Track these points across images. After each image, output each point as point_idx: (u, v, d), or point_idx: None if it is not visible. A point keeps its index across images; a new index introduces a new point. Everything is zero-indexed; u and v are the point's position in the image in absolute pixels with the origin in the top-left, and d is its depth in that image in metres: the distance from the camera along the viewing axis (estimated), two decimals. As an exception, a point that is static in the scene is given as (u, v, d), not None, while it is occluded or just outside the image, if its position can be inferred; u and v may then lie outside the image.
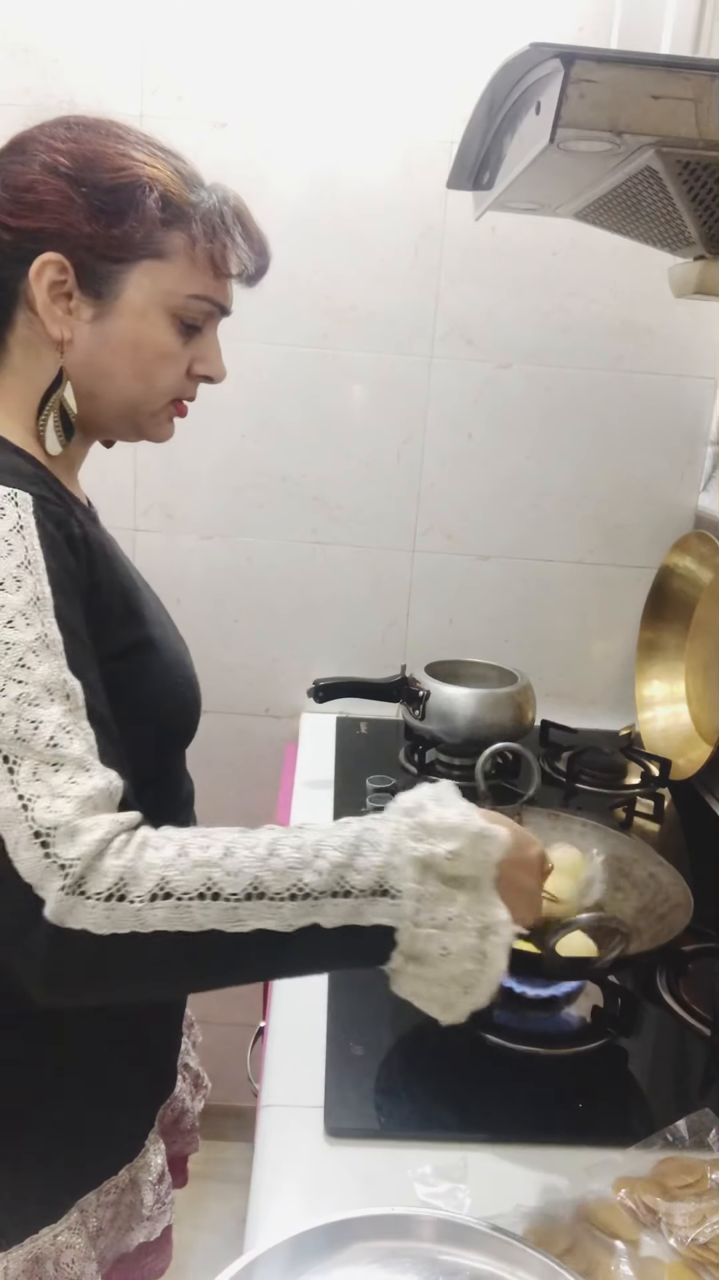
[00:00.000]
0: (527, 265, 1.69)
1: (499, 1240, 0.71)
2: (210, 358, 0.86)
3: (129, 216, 0.78)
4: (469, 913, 0.68)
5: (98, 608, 0.76)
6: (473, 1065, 0.98)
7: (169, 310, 0.81)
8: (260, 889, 0.64)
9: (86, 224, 0.77)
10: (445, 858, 0.67)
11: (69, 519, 0.75)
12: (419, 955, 0.67)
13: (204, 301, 0.83)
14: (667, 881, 1.08)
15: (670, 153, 0.91)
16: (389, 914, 0.66)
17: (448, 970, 0.68)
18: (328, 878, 0.65)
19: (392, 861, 0.66)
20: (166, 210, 0.79)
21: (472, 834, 0.68)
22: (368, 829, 0.68)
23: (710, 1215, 0.78)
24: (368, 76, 1.59)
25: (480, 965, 0.68)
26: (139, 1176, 0.91)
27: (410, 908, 0.66)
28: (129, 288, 0.80)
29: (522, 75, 0.96)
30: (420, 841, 0.67)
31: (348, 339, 1.71)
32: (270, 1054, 1.00)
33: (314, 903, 0.65)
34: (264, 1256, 0.69)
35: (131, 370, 0.82)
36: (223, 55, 1.58)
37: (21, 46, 1.56)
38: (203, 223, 0.80)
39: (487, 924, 0.68)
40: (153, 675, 0.83)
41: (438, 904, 0.67)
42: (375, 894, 0.66)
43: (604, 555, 1.84)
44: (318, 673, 1.77)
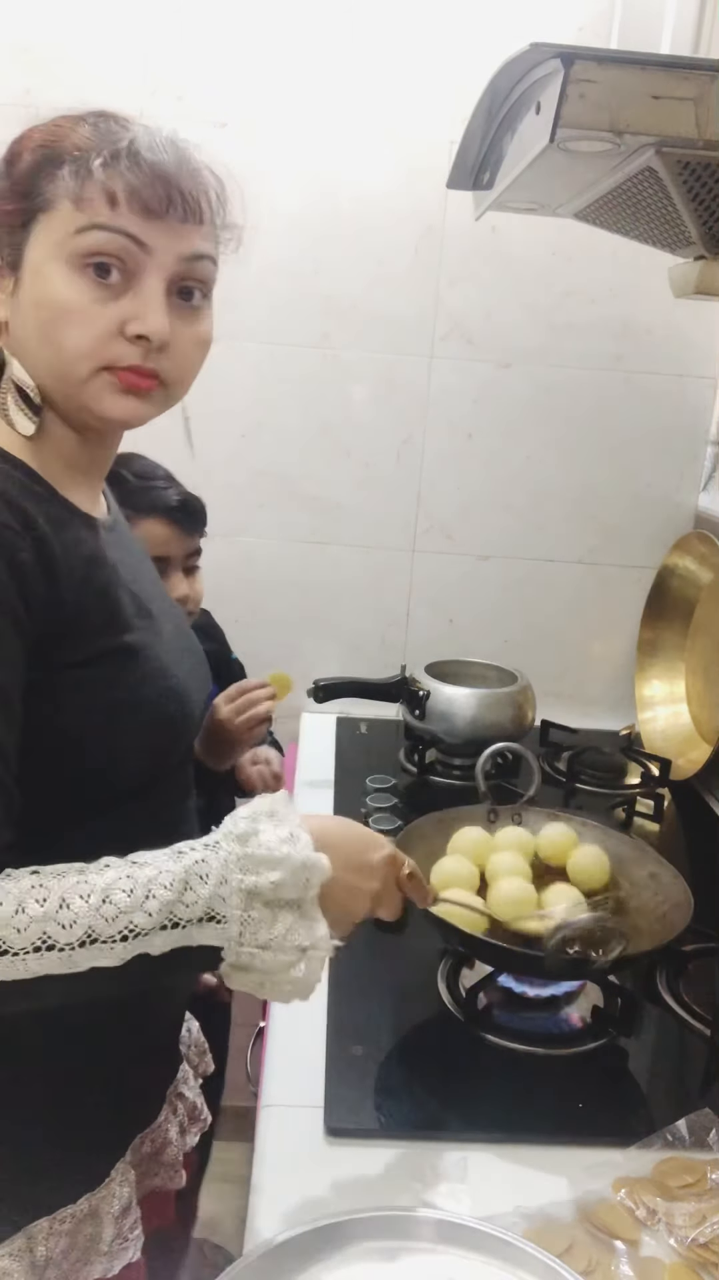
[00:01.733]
0: (527, 265, 1.69)
1: (499, 1240, 0.71)
2: (143, 313, 0.75)
3: (14, 178, 0.76)
4: (291, 932, 0.73)
5: (66, 620, 0.75)
6: (473, 1065, 0.98)
7: (67, 260, 0.75)
8: (93, 935, 0.67)
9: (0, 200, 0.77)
10: (269, 887, 0.72)
11: (18, 542, 0.72)
12: (244, 966, 0.73)
13: (95, 231, 0.74)
14: (667, 881, 1.08)
15: (670, 153, 0.91)
16: (215, 937, 0.71)
17: (270, 979, 0.74)
18: (157, 916, 0.69)
19: (219, 893, 0.71)
20: (46, 161, 0.75)
21: (294, 866, 0.73)
22: (199, 862, 0.72)
23: (710, 1215, 0.78)
24: (368, 76, 1.59)
25: (301, 975, 0.74)
26: (100, 1208, 0.85)
27: (235, 930, 0.71)
28: (30, 250, 0.76)
29: (522, 75, 0.96)
30: (247, 873, 0.72)
31: (348, 339, 1.71)
32: (270, 1054, 1.00)
33: (143, 939, 0.69)
34: (264, 1256, 0.69)
35: (39, 334, 0.76)
36: (223, 56, 1.58)
37: (22, 47, 1.56)
38: (85, 159, 0.74)
39: (307, 944, 0.74)
40: (125, 684, 0.80)
41: (260, 927, 0.72)
42: (203, 921, 0.70)
43: (604, 555, 1.84)
44: (318, 673, 1.76)
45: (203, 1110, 1.05)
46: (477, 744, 1.34)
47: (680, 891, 1.05)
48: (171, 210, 0.75)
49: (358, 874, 0.80)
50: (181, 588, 1.34)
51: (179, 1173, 1.00)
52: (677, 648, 1.79)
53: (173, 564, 1.33)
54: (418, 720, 1.62)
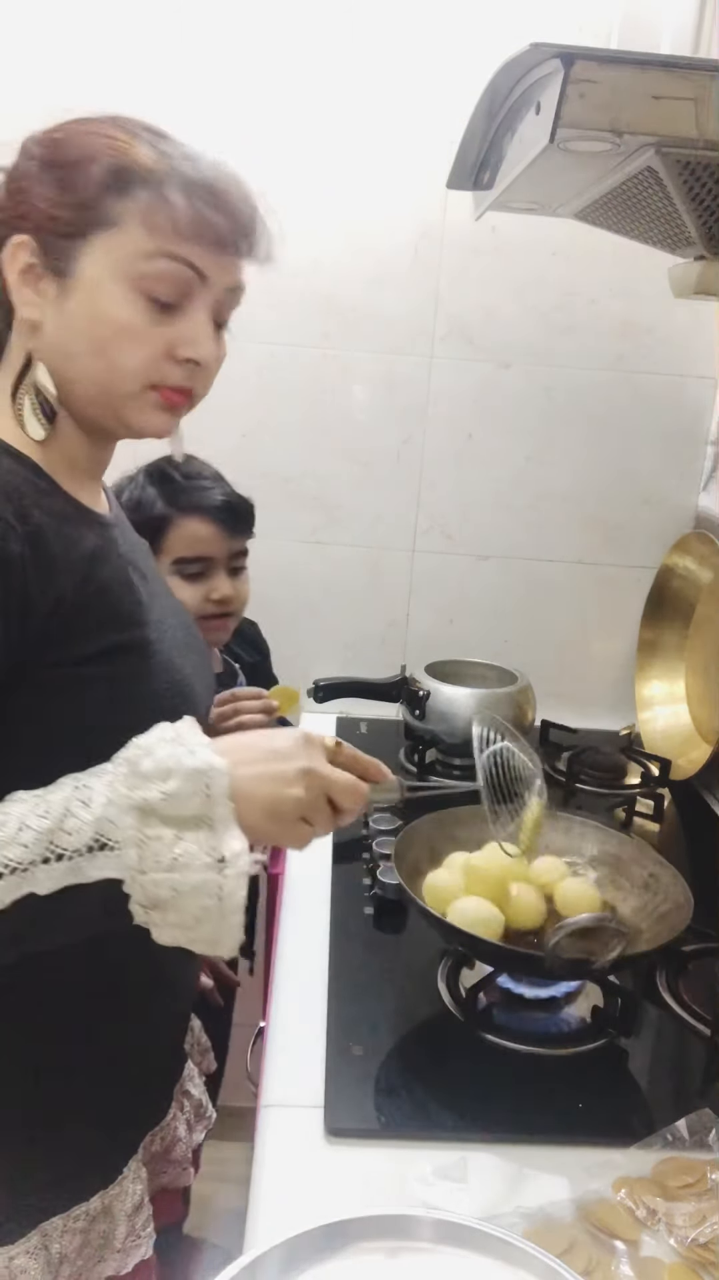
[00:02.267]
0: (527, 265, 1.69)
1: (499, 1240, 0.71)
2: (195, 339, 0.79)
3: (77, 188, 0.76)
4: (200, 849, 0.66)
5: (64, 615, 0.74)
6: (473, 1065, 0.98)
7: (129, 281, 0.77)
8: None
9: (44, 202, 0.76)
10: (161, 800, 0.66)
11: (8, 535, 0.71)
12: (156, 902, 0.66)
13: (168, 262, 0.77)
14: (667, 881, 1.08)
15: (670, 153, 0.91)
16: (111, 866, 0.65)
17: (188, 909, 0.67)
18: (35, 848, 0.64)
19: (106, 815, 0.65)
20: (115, 177, 0.76)
21: (188, 771, 0.67)
22: (80, 787, 0.67)
23: (710, 1215, 0.78)
24: (368, 76, 1.59)
25: (218, 900, 0.67)
26: (114, 1205, 0.86)
27: (133, 856, 0.65)
28: (84, 261, 0.77)
29: (522, 75, 0.96)
30: (135, 789, 0.66)
31: (348, 339, 1.71)
32: (270, 1054, 1.00)
33: (23, 875, 0.63)
34: (264, 1256, 0.69)
35: (90, 348, 0.78)
36: (222, 55, 1.57)
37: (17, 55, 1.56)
38: (158, 185, 0.76)
39: (219, 858, 0.67)
40: (129, 679, 0.79)
41: (161, 847, 0.65)
42: (93, 850, 0.65)
43: (604, 555, 1.84)
44: (318, 673, 1.76)
45: (208, 1107, 1.06)
46: (477, 744, 1.34)
47: (680, 891, 1.05)
48: (238, 249, 0.80)
49: (272, 779, 0.72)
50: (224, 588, 1.34)
51: (188, 1170, 1.01)
52: (677, 648, 1.79)
53: (215, 564, 1.33)
54: (418, 720, 1.62)
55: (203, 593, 1.33)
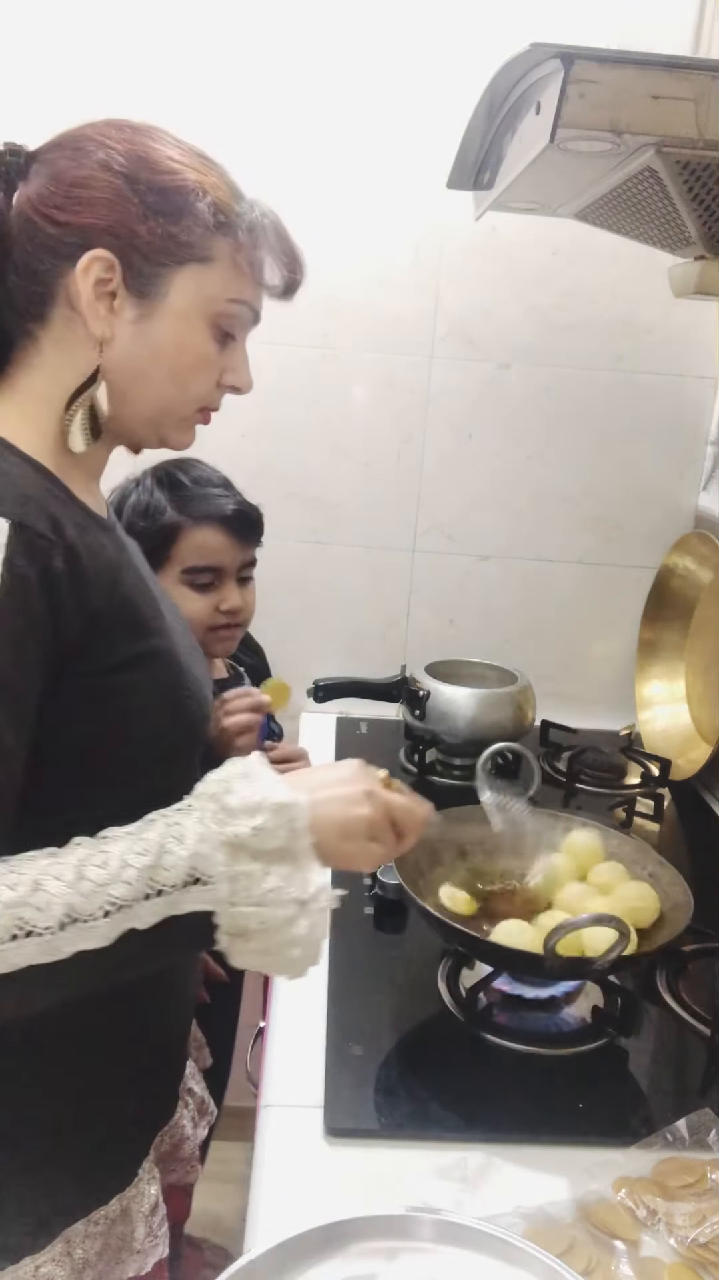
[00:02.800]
0: (527, 265, 1.69)
1: (499, 1240, 0.71)
2: (239, 368, 0.86)
3: (182, 219, 0.78)
4: (288, 884, 0.69)
5: (99, 629, 0.75)
6: (473, 1065, 0.98)
7: (209, 316, 0.81)
8: (73, 915, 0.64)
9: (138, 223, 0.77)
10: (251, 835, 0.68)
11: (50, 549, 0.71)
12: (242, 932, 0.69)
13: (243, 306, 0.83)
14: (667, 881, 1.08)
15: (670, 153, 0.91)
16: (204, 900, 0.67)
17: (273, 940, 0.69)
18: (138, 885, 0.66)
19: (199, 850, 0.67)
20: (217, 216, 0.79)
21: (273, 806, 0.69)
22: (172, 825, 0.69)
23: (710, 1215, 0.78)
24: (368, 76, 1.59)
25: (304, 932, 0.70)
26: (131, 1207, 0.87)
27: (225, 890, 0.67)
28: (174, 291, 0.79)
29: (522, 75, 0.97)
30: (225, 825, 0.68)
31: (348, 339, 1.71)
32: (270, 1054, 1.00)
33: (128, 911, 0.65)
34: (264, 1256, 0.69)
35: (168, 374, 0.81)
36: (223, 55, 1.57)
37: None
38: (249, 231, 0.81)
39: (306, 895, 0.70)
40: (151, 687, 0.80)
41: (251, 882, 0.68)
42: (189, 884, 0.67)
43: (604, 555, 1.84)
44: (318, 673, 1.76)
45: (209, 1103, 1.07)
46: (477, 744, 1.34)
47: (680, 891, 1.05)
48: (291, 296, 0.87)
49: (341, 801, 0.75)
50: (234, 598, 1.33)
51: (195, 1167, 1.02)
52: (677, 648, 1.79)
53: (226, 574, 1.33)
54: (418, 720, 1.62)
55: (213, 603, 1.32)
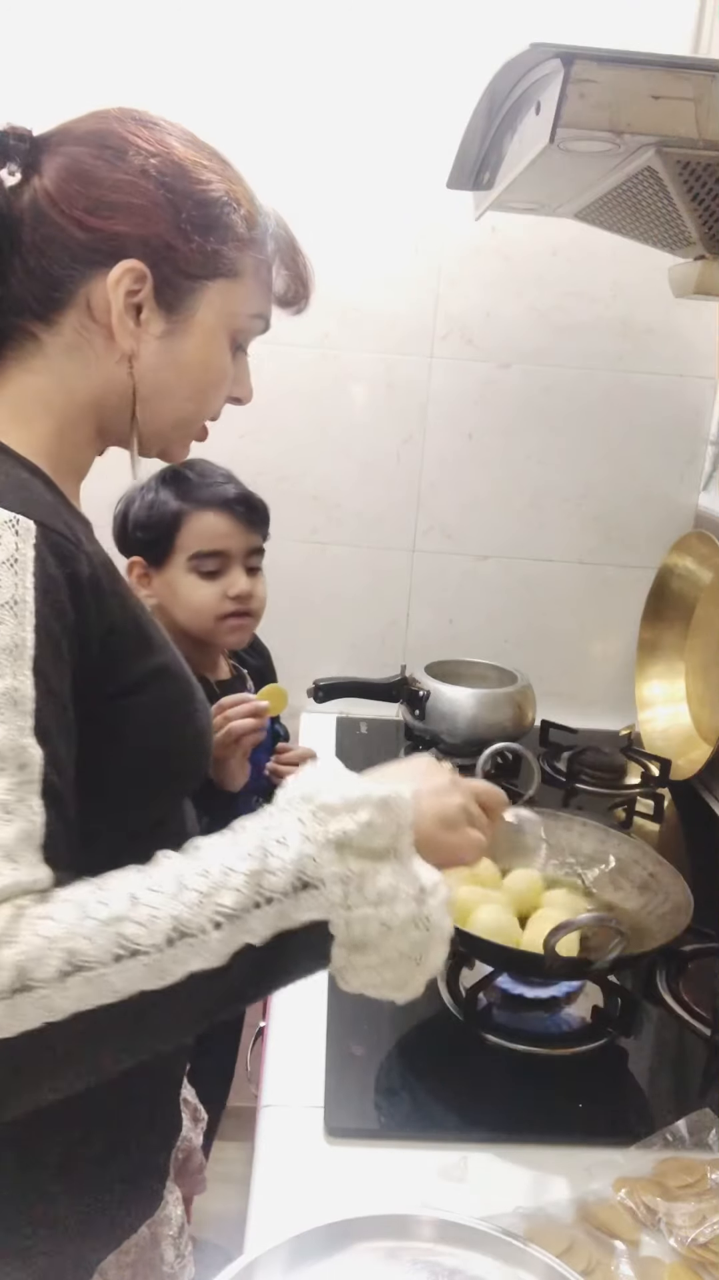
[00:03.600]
0: (527, 265, 1.69)
1: (499, 1240, 0.71)
2: (243, 379, 0.84)
3: (217, 233, 0.75)
4: (400, 880, 0.63)
5: (112, 646, 0.70)
6: (473, 1065, 0.98)
7: (230, 331, 0.79)
8: (181, 928, 0.57)
9: (174, 235, 0.73)
10: (359, 832, 0.63)
11: (76, 554, 0.67)
12: (359, 942, 0.63)
13: (261, 320, 0.81)
14: (667, 881, 1.08)
15: (670, 153, 0.91)
16: (317, 907, 0.61)
17: (394, 946, 0.63)
18: (246, 892, 0.59)
19: (305, 852, 0.61)
20: (249, 230, 0.77)
21: (377, 801, 0.64)
22: (269, 828, 0.63)
23: (710, 1215, 0.78)
24: (368, 76, 1.59)
25: (427, 930, 0.64)
26: (159, 1231, 0.85)
27: (338, 893, 0.61)
28: (202, 306, 0.76)
29: (522, 75, 0.97)
30: (327, 824, 0.63)
31: (348, 339, 1.71)
32: (270, 1054, 1.00)
33: (240, 922, 0.59)
34: (264, 1256, 0.69)
35: (192, 390, 0.79)
36: (223, 55, 1.57)
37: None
38: (274, 244, 0.79)
39: (421, 887, 0.64)
40: (164, 705, 0.76)
41: (365, 881, 0.62)
42: (298, 890, 0.60)
43: (604, 555, 1.84)
44: (318, 673, 1.76)
45: (200, 1109, 1.05)
46: (477, 744, 1.34)
47: (680, 891, 1.05)
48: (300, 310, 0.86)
49: (433, 792, 0.71)
50: (242, 583, 1.34)
51: (203, 1179, 1.01)
52: (677, 648, 1.79)
53: (232, 558, 1.33)
54: (418, 720, 1.62)
55: (220, 590, 1.32)
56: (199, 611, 1.32)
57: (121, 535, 1.35)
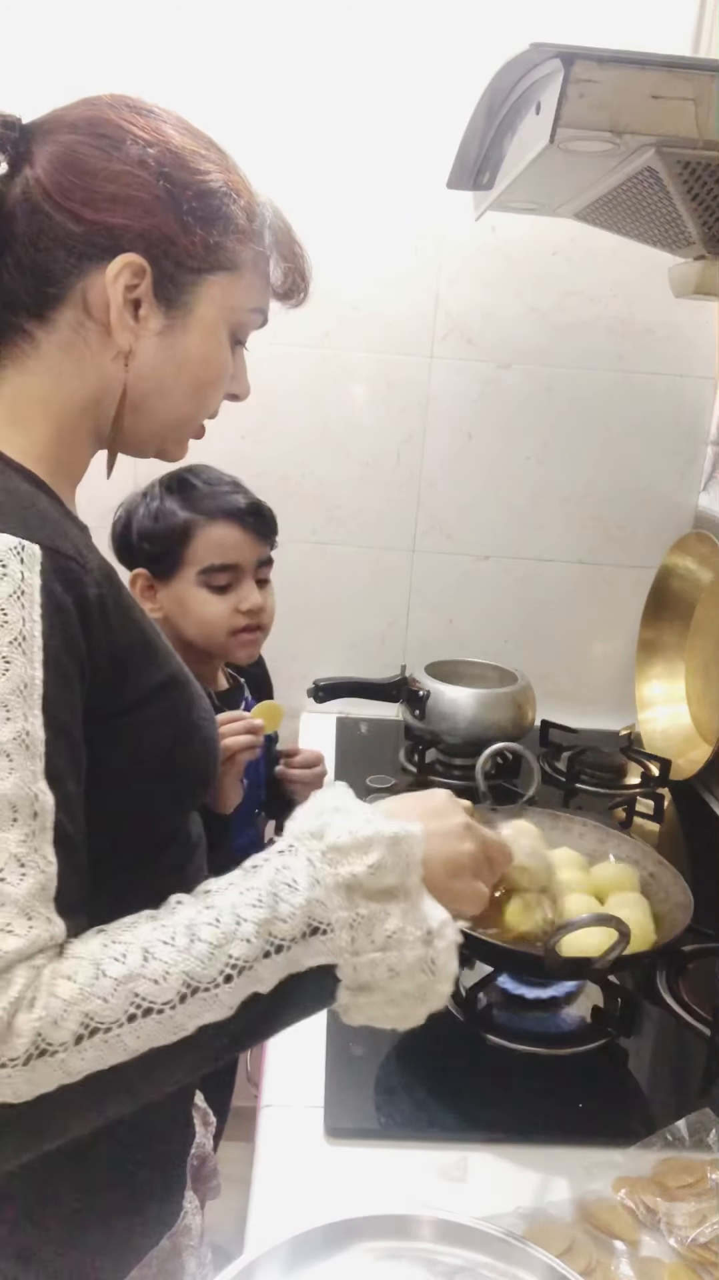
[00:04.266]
0: (527, 265, 1.69)
1: (499, 1240, 0.71)
2: (241, 375, 0.82)
3: (217, 225, 0.72)
4: (408, 923, 0.62)
5: (121, 664, 0.68)
6: (473, 1065, 0.98)
7: (229, 326, 0.77)
8: (193, 984, 0.56)
9: (174, 228, 0.71)
10: (368, 874, 0.61)
11: (83, 576, 0.64)
12: (366, 985, 0.62)
13: (260, 315, 0.79)
14: (667, 881, 1.08)
15: (670, 153, 0.91)
16: (325, 952, 0.60)
17: (399, 988, 0.63)
18: (257, 941, 0.59)
19: (314, 896, 0.60)
20: (250, 221, 0.74)
21: (387, 840, 0.63)
22: (280, 870, 0.62)
23: (710, 1215, 0.78)
24: (368, 76, 1.59)
25: (432, 974, 0.63)
26: (180, 1242, 0.85)
27: (345, 939, 0.61)
28: (201, 301, 0.74)
29: (522, 75, 0.97)
30: (338, 866, 0.62)
31: (348, 339, 1.71)
32: (270, 1054, 1.00)
33: (250, 973, 0.58)
34: (264, 1256, 0.69)
35: (191, 387, 0.76)
36: (223, 55, 1.57)
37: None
38: (271, 236, 0.76)
39: (429, 929, 0.63)
40: (169, 718, 0.74)
41: (373, 925, 0.61)
42: (307, 936, 0.60)
43: (604, 555, 1.84)
44: (318, 673, 1.76)
45: (210, 1114, 1.05)
46: (476, 744, 1.34)
47: (680, 891, 1.05)
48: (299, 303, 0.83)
49: (445, 835, 0.69)
50: (255, 597, 1.29)
51: (217, 1184, 1.01)
52: (677, 648, 1.79)
53: (244, 571, 1.28)
54: (418, 720, 1.62)
55: (232, 604, 1.27)
56: (210, 626, 1.27)
57: (124, 545, 1.29)
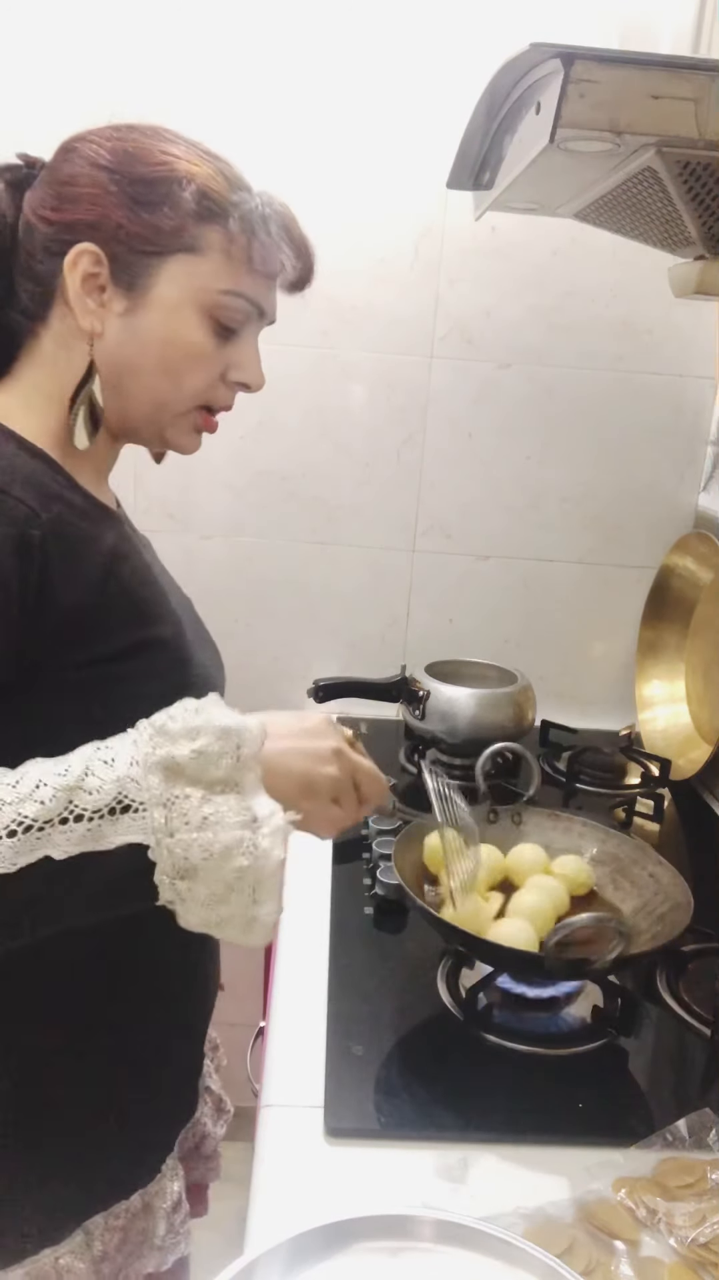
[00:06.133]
0: (527, 265, 1.69)
1: (499, 1240, 0.71)
2: (246, 364, 0.85)
3: (163, 207, 0.77)
4: (229, 810, 0.62)
5: (80, 619, 0.73)
6: (473, 1065, 0.98)
7: (202, 307, 0.80)
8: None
9: (121, 214, 0.77)
10: (190, 757, 0.62)
11: (29, 518, 0.69)
12: (183, 871, 0.62)
13: (238, 298, 0.81)
14: (667, 881, 1.08)
15: (670, 153, 0.91)
16: (136, 829, 0.61)
17: (219, 876, 0.62)
18: (51, 804, 0.59)
19: (130, 774, 0.61)
20: (202, 204, 0.78)
21: (216, 729, 0.63)
22: (102, 747, 0.63)
23: (710, 1215, 0.78)
24: (368, 76, 1.59)
25: (254, 859, 0.63)
26: (153, 1203, 0.88)
27: (159, 817, 0.61)
28: (161, 281, 0.79)
29: (522, 75, 0.97)
30: (159, 747, 0.62)
31: (348, 339, 1.71)
32: (270, 1054, 1.00)
33: (39, 834, 0.59)
34: (264, 1256, 0.69)
35: (160, 367, 0.81)
36: (223, 54, 1.57)
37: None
38: (242, 220, 0.79)
39: (254, 816, 0.63)
40: (156, 674, 0.78)
41: (190, 806, 0.61)
42: (115, 812, 0.60)
43: (604, 555, 1.84)
44: (318, 673, 1.76)
45: (226, 1101, 1.08)
46: (477, 744, 1.34)
47: (680, 891, 1.05)
48: (300, 290, 0.86)
49: (306, 755, 0.70)
50: None
51: (217, 1165, 1.03)
52: (677, 648, 1.79)
53: None
54: (418, 720, 1.62)
55: None
56: None
57: None
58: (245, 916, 0.64)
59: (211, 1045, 1.08)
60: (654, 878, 1.10)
